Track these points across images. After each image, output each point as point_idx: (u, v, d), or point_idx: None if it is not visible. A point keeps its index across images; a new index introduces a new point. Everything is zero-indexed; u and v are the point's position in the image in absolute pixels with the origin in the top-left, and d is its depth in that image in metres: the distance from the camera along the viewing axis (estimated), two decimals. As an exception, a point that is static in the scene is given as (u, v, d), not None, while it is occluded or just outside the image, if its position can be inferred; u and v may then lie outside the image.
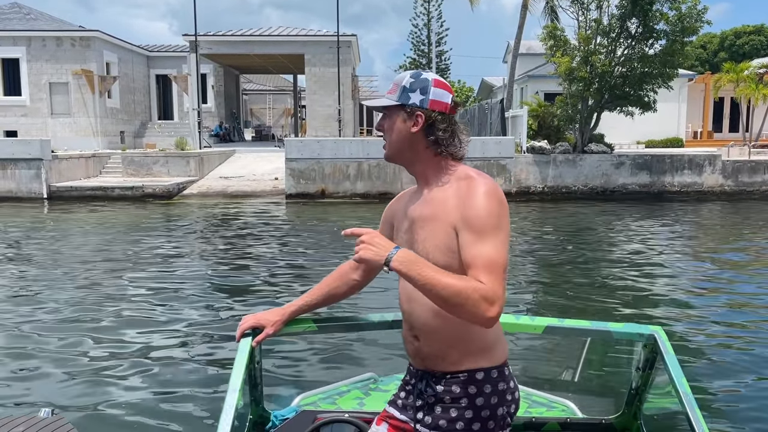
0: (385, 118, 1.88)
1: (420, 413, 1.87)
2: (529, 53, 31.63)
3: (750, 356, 5.81)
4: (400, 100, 1.83)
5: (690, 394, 2.12)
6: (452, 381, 1.82)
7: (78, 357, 5.70)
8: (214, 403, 4.56)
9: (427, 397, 1.85)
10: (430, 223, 1.78)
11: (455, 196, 1.75)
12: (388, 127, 1.87)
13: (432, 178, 1.84)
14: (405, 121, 1.82)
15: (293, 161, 19.87)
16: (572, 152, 20.58)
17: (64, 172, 20.72)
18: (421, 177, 1.88)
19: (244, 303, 7.81)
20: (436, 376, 1.85)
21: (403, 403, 1.95)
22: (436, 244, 1.75)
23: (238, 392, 2.04)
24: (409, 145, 1.84)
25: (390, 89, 1.88)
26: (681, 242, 12.81)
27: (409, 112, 1.82)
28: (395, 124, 1.85)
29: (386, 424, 1.96)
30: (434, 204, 1.80)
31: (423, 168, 1.86)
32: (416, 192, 1.92)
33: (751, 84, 27.73)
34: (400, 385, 2.01)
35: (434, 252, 1.74)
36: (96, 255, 10.93)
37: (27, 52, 27.89)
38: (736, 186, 20.52)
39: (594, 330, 2.43)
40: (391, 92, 1.86)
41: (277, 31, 30.26)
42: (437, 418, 1.82)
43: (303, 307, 2.21)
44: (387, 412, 1.98)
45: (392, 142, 1.87)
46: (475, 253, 1.64)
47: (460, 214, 1.71)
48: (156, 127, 32.31)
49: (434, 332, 1.81)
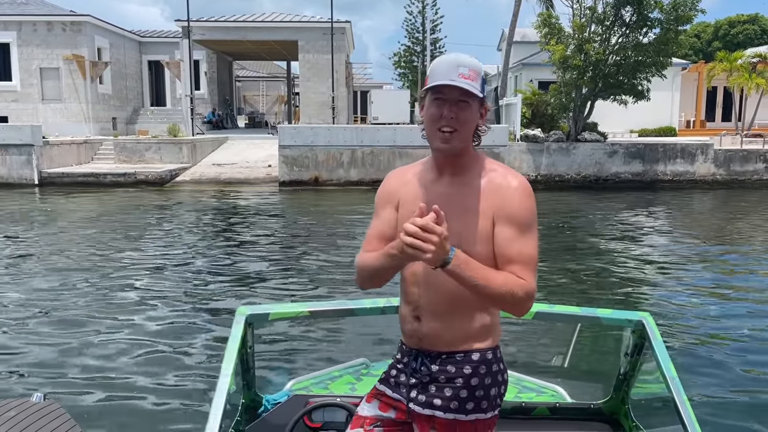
0: (464, 107, 1.74)
1: (413, 391, 1.88)
2: (524, 41, 31.53)
3: (736, 342, 5.89)
4: (482, 92, 1.77)
5: (677, 378, 2.14)
6: (448, 361, 1.82)
7: (70, 342, 5.70)
8: (207, 388, 4.58)
9: (421, 376, 1.86)
10: (465, 215, 1.76)
11: (489, 188, 1.76)
12: (464, 118, 1.75)
13: (465, 168, 1.82)
14: (475, 112, 1.78)
15: (286, 148, 19.80)
16: (566, 141, 20.60)
17: (56, 158, 20.59)
18: (457, 166, 1.82)
19: (236, 289, 7.82)
20: (431, 355, 1.85)
21: (395, 381, 1.94)
22: (472, 235, 1.75)
23: (230, 376, 2.06)
24: (471, 136, 1.81)
25: (465, 74, 1.72)
26: (671, 230, 12.88)
27: (481, 103, 1.78)
28: (473, 114, 1.77)
29: (377, 401, 1.95)
30: (467, 195, 1.78)
31: (466, 158, 1.82)
32: (434, 179, 1.85)
33: (744, 73, 27.77)
34: (391, 364, 2.00)
35: (469, 243, 1.74)
36: (87, 241, 10.90)
37: (18, 36, 27.58)
38: (728, 175, 20.62)
39: (583, 316, 2.46)
40: (470, 78, 1.72)
41: (271, 17, 30.05)
42: (431, 396, 1.83)
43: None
44: (378, 390, 1.98)
45: (466, 132, 1.77)
46: (516, 250, 1.72)
47: (498, 207, 1.74)
48: (148, 113, 32.08)
49: (441, 314, 1.81)
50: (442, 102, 1.74)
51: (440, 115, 1.74)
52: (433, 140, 1.79)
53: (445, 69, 1.73)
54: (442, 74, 1.73)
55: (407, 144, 19.57)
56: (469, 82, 1.72)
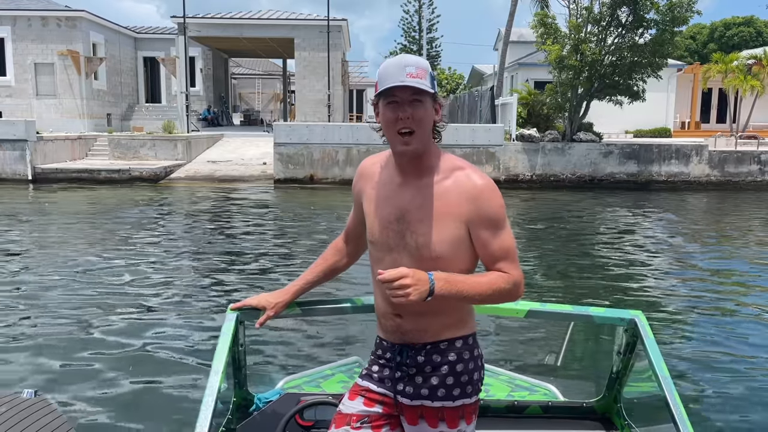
0: (418, 106, 1.73)
1: (400, 384, 1.89)
2: (520, 41, 31.55)
3: (728, 340, 5.91)
4: (433, 88, 1.75)
5: (669, 377, 2.14)
6: (432, 350, 1.86)
7: (62, 339, 5.67)
8: (198, 386, 4.56)
9: (408, 369, 1.88)
10: (435, 218, 1.77)
11: (460, 191, 1.76)
12: (420, 117, 1.73)
13: (429, 168, 1.81)
14: (430, 110, 1.77)
15: (282, 146, 19.77)
16: (561, 140, 20.63)
17: (50, 153, 20.49)
18: (421, 167, 1.81)
19: (228, 286, 7.80)
20: (415, 348, 1.87)
21: (379, 376, 1.95)
22: (442, 238, 1.77)
23: (221, 374, 2.04)
24: (430, 134, 1.81)
25: (413, 73, 1.71)
26: (665, 230, 12.91)
27: (434, 99, 1.78)
28: (428, 112, 1.75)
29: (361, 397, 1.95)
30: (432, 197, 1.78)
31: (428, 158, 1.81)
32: (401, 181, 1.83)
33: (739, 75, 27.88)
34: (371, 360, 2.01)
35: (438, 245, 1.77)
36: (79, 237, 10.85)
37: (12, 31, 27.42)
38: (723, 176, 20.68)
39: (576, 314, 2.46)
40: (418, 77, 1.71)
41: (267, 14, 29.97)
42: (418, 387, 1.86)
43: (305, 286, 2.23)
44: (360, 386, 1.98)
45: (424, 131, 1.76)
46: (497, 247, 1.78)
47: (472, 212, 1.76)
48: (143, 110, 31.96)
49: (421, 312, 1.82)
50: (396, 105, 1.75)
51: (396, 118, 1.75)
52: (395, 144, 1.79)
53: (393, 71, 1.73)
54: (391, 77, 1.72)
55: (403, 143, 19.52)
56: (419, 80, 1.72)
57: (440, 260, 1.76)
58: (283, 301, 2.20)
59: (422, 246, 1.78)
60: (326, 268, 2.24)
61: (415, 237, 1.79)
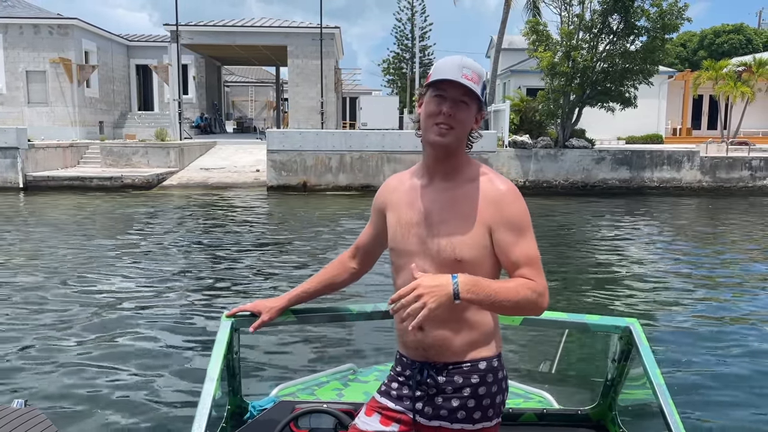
0: (463, 107, 1.75)
1: (419, 403, 1.84)
2: (512, 48, 31.70)
3: (723, 348, 5.91)
4: (482, 96, 1.77)
5: (664, 385, 2.14)
6: (454, 371, 1.80)
7: (52, 348, 5.62)
8: (192, 394, 4.53)
9: (428, 389, 1.83)
10: (457, 220, 1.76)
11: (483, 196, 1.76)
12: (462, 118, 1.75)
13: (456, 171, 1.81)
14: (472, 116, 1.78)
15: (275, 153, 19.75)
16: (554, 147, 20.71)
17: (41, 161, 20.39)
18: (449, 169, 1.81)
19: (222, 294, 7.76)
20: (437, 367, 1.82)
21: (397, 393, 1.90)
22: (465, 241, 1.74)
23: (215, 382, 2.03)
24: (465, 138, 1.81)
25: (468, 76, 1.72)
26: (658, 236, 12.96)
27: (479, 108, 1.79)
28: (470, 116, 1.78)
29: (378, 414, 1.91)
30: (458, 200, 1.77)
31: (457, 161, 1.81)
32: (425, 184, 1.84)
33: (729, 82, 28.11)
34: (390, 376, 1.96)
35: (461, 247, 1.74)
36: (70, 245, 10.78)
37: (4, 39, 27.31)
38: (714, 182, 20.80)
39: (571, 322, 2.45)
40: (472, 80, 1.72)
41: (260, 22, 30.00)
42: (438, 408, 1.81)
43: (302, 295, 2.20)
44: (378, 402, 1.93)
45: (461, 131, 1.77)
46: (519, 253, 1.72)
47: (494, 215, 1.73)
48: (136, 117, 31.87)
49: (444, 321, 1.77)
50: (442, 99, 1.74)
51: (439, 112, 1.74)
52: (429, 133, 1.77)
53: (450, 68, 1.73)
54: (446, 72, 1.72)
55: (396, 149, 19.58)
56: (472, 83, 1.72)
57: (462, 264, 1.72)
58: (278, 306, 2.18)
59: (444, 248, 1.75)
60: (325, 280, 2.21)
61: (437, 239, 1.77)
